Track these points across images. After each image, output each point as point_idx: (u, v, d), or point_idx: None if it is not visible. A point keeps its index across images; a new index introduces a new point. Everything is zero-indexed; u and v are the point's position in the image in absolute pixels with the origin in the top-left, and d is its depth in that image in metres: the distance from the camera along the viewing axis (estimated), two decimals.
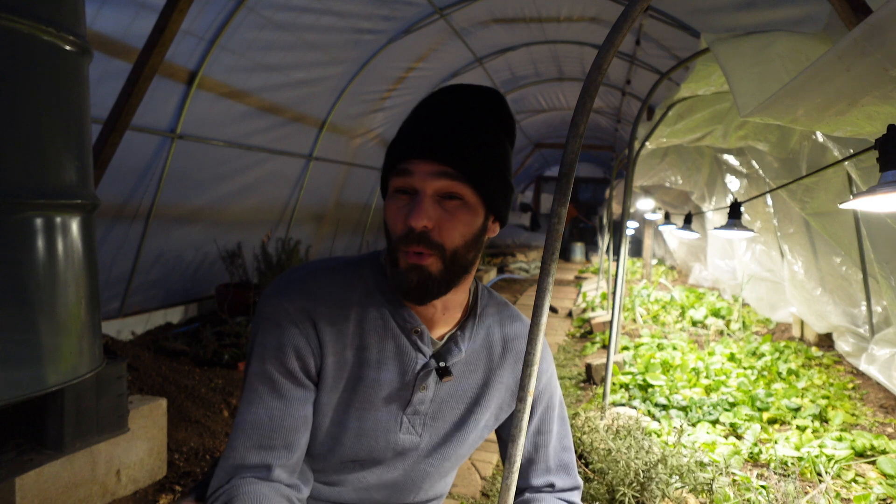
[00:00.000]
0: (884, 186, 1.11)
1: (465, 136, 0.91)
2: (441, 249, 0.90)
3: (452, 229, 0.90)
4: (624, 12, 0.83)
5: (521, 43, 7.26)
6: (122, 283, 4.46)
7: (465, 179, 0.90)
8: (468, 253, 0.94)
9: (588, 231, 15.80)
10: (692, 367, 4.10)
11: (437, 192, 0.90)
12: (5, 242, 1.30)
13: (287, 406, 0.94)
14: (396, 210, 0.92)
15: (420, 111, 0.95)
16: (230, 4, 4.04)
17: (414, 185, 0.90)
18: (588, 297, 7.24)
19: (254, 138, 5.28)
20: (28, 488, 1.99)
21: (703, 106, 3.34)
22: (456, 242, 0.91)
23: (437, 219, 0.89)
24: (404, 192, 0.91)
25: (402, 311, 0.99)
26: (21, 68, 1.28)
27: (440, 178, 0.89)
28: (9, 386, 1.33)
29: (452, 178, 0.89)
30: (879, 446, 2.79)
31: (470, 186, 0.91)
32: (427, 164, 0.89)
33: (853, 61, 0.99)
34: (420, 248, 0.89)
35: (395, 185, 0.92)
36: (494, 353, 1.07)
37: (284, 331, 0.95)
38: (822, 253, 4.25)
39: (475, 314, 1.05)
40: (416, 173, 0.89)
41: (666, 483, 2.27)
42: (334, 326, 0.96)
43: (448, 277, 0.93)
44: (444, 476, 1.10)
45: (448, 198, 0.90)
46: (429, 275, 0.91)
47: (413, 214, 0.88)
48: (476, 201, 0.92)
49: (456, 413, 1.04)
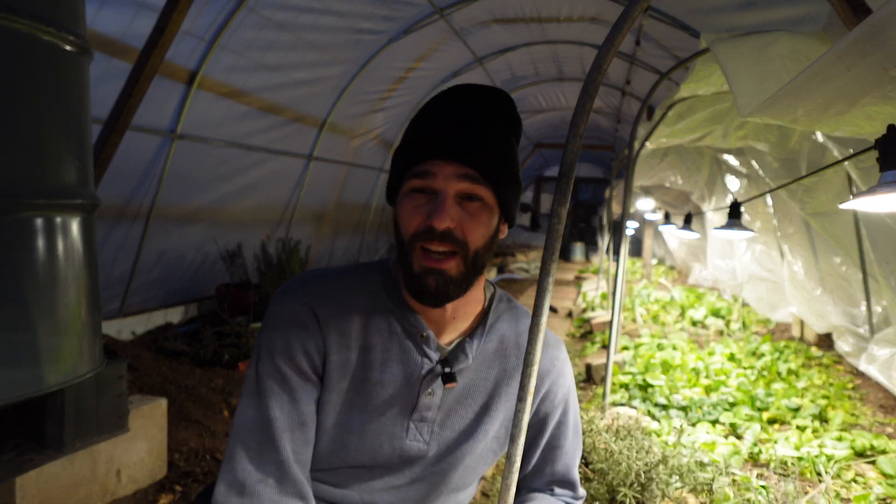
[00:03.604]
0: (884, 186, 1.11)
1: (484, 137, 0.91)
2: (465, 247, 0.90)
3: (475, 230, 0.91)
4: (624, 12, 0.83)
5: (521, 43, 7.26)
6: (122, 283, 4.46)
7: (486, 181, 0.90)
8: (486, 254, 0.95)
9: (588, 231, 15.80)
10: (692, 367, 4.09)
11: (459, 193, 0.90)
12: (5, 242, 1.30)
13: (298, 400, 0.94)
14: (413, 208, 0.91)
15: (434, 111, 0.94)
16: (230, 4, 4.04)
17: (434, 186, 0.90)
18: (588, 297, 7.24)
19: (254, 138, 5.28)
20: (28, 488, 1.99)
21: (703, 106, 3.34)
22: (478, 242, 0.92)
23: (458, 219, 0.90)
24: (421, 192, 0.91)
25: (408, 316, 0.98)
26: (21, 68, 1.28)
27: (463, 181, 0.89)
28: (9, 386, 1.33)
29: (474, 181, 0.90)
30: (879, 446, 2.78)
31: (490, 188, 0.91)
32: (449, 165, 0.89)
33: (853, 61, 0.99)
34: (445, 245, 0.89)
35: (413, 186, 0.91)
36: (508, 362, 1.05)
37: (293, 331, 0.95)
38: (821, 253, 4.25)
39: (486, 322, 1.04)
40: (438, 174, 0.89)
41: (666, 483, 2.27)
42: (339, 327, 0.96)
43: (467, 278, 0.93)
44: (458, 489, 1.07)
45: (468, 199, 0.91)
46: (449, 278, 0.91)
47: (437, 215, 0.88)
48: (494, 203, 0.93)
49: (464, 421, 1.02)
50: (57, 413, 2.10)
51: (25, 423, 2.13)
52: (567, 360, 1.12)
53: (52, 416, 2.11)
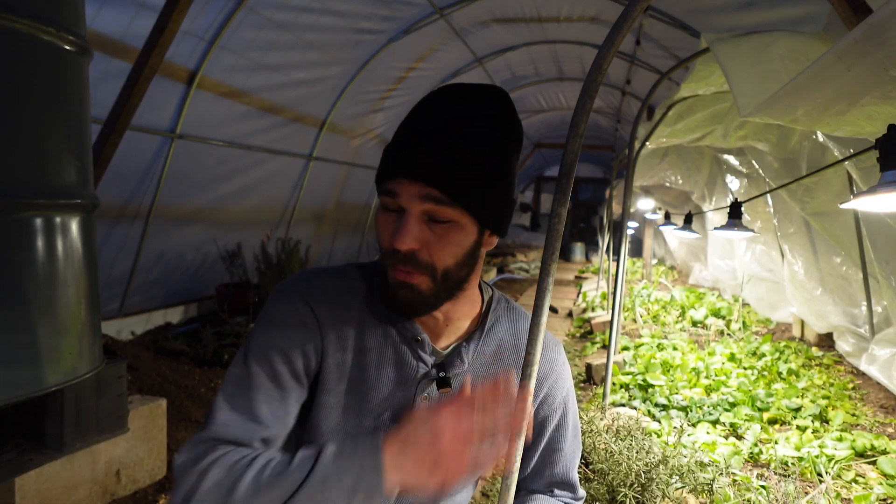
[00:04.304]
0: (884, 186, 1.10)
1: (457, 151, 0.85)
2: (431, 269, 0.87)
3: (441, 250, 0.87)
4: (624, 12, 0.83)
5: (521, 43, 7.26)
6: (122, 283, 4.46)
7: (454, 202, 0.85)
8: (461, 270, 0.91)
9: (588, 231, 15.80)
10: (692, 368, 4.09)
11: (424, 213, 0.86)
12: (5, 242, 1.30)
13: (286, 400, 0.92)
14: (385, 224, 0.89)
15: (410, 121, 0.90)
16: (230, 4, 4.04)
17: (400, 205, 0.86)
18: (588, 297, 7.24)
19: (254, 138, 5.28)
20: (28, 488, 1.99)
21: (703, 106, 3.34)
22: (447, 263, 0.88)
23: (424, 240, 0.86)
24: (391, 210, 0.88)
25: (403, 320, 0.97)
26: (21, 68, 1.28)
27: (425, 202, 0.84)
28: (9, 386, 1.32)
29: (438, 203, 0.84)
30: (880, 446, 2.78)
31: (459, 208, 0.86)
32: (413, 185, 0.84)
33: (853, 61, 0.99)
34: (408, 267, 0.86)
35: (384, 203, 0.89)
36: (506, 366, 1.04)
37: (292, 330, 0.93)
38: (822, 253, 4.25)
39: (483, 326, 1.02)
40: (402, 194, 0.85)
41: (666, 483, 2.27)
42: (336, 329, 0.95)
43: (440, 294, 0.91)
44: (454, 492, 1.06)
45: (435, 220, 0.86)
46: (419, 293, 0.88)
47: (398, 237, 0.84)
48: (467, 220, 0.88)
49: None
50: (57, 413, 2.10)
51: (25, 423, 2.13)
52: (565, 362, 1.11)
53: (52, 416, 2.11)
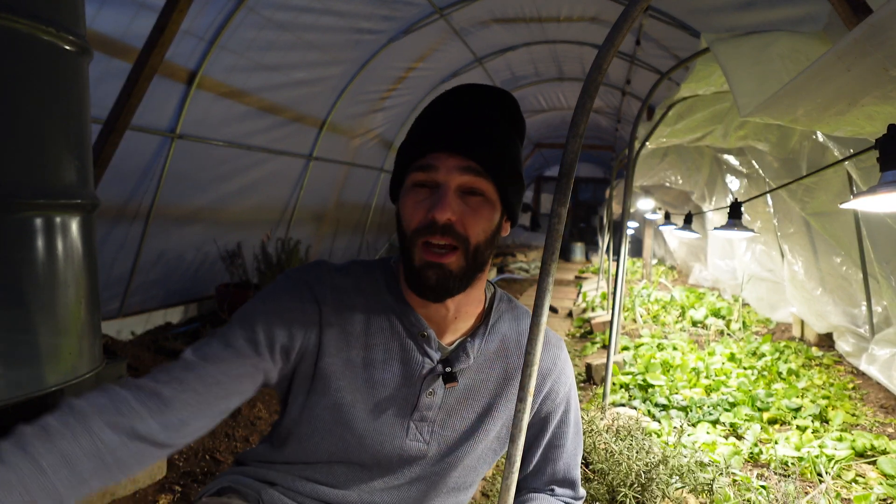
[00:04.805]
0: (884, 186, 1.11)
1: (487, 132, 0.91)
2: (466, 242, 0.90)
3: (476, 225, 0.91)
4: (624, 12, 0.83)
5: (521, 43, 7.26)
6: (122, 283, 4.46)
7: (488, 175, 0.90)
8: (487, 250, 0.94)
9: (588, 231, 15.79)
10: (692, 368, 4.09)
11: (461, 186, 0.90)
12: (5, 242, 1.30)
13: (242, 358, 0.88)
14: (415, 203, 0.91)
15: (437, 107, 0.95)
16: (230, 4, 4.04)
17: (437, 180, 0.89)
18: (588, 297, 7.24)
19: (254, 138, 5.28)
20: None
21: (703, 106, 3.35)
22: (479, 238, 0.91)
23: (460, 213, 0.89)
24: (423, 186, 0.91)
25: (409, 315, 0.98)
26: (21, 68, 1.27)
27: (465, 173, 0.89)
28: (9, 386, 1.33)
29: (476, 174, 0.89)
30: (880, 446, 2.78)
31: (492, 183, 0.91)
32: (452, 157, 0.89)
33: (853, 61, 0.99)
34: (446, 238, 0.88)
35: (416, 180, 0.91)
36: (509, 362, 1.05)
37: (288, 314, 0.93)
38: (822, 253, 4.25)
39: (487, 322, 1.04)
40: (440, 168, 0.89)
41: (666, 483, 2.27)
42: (341, 327, 0.96)
43: (468, 274, 0.93)
44: (458, 489, 1.06)
45: (470, 193, 0.91)
46: (449, 272, 0.90)
47: (438, 207, 0.87)
48: (495, 198, 0.93)
49: (466, 421, 1.02)
50: None
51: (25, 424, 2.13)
52: (568, 360, 1.12)
53: None
